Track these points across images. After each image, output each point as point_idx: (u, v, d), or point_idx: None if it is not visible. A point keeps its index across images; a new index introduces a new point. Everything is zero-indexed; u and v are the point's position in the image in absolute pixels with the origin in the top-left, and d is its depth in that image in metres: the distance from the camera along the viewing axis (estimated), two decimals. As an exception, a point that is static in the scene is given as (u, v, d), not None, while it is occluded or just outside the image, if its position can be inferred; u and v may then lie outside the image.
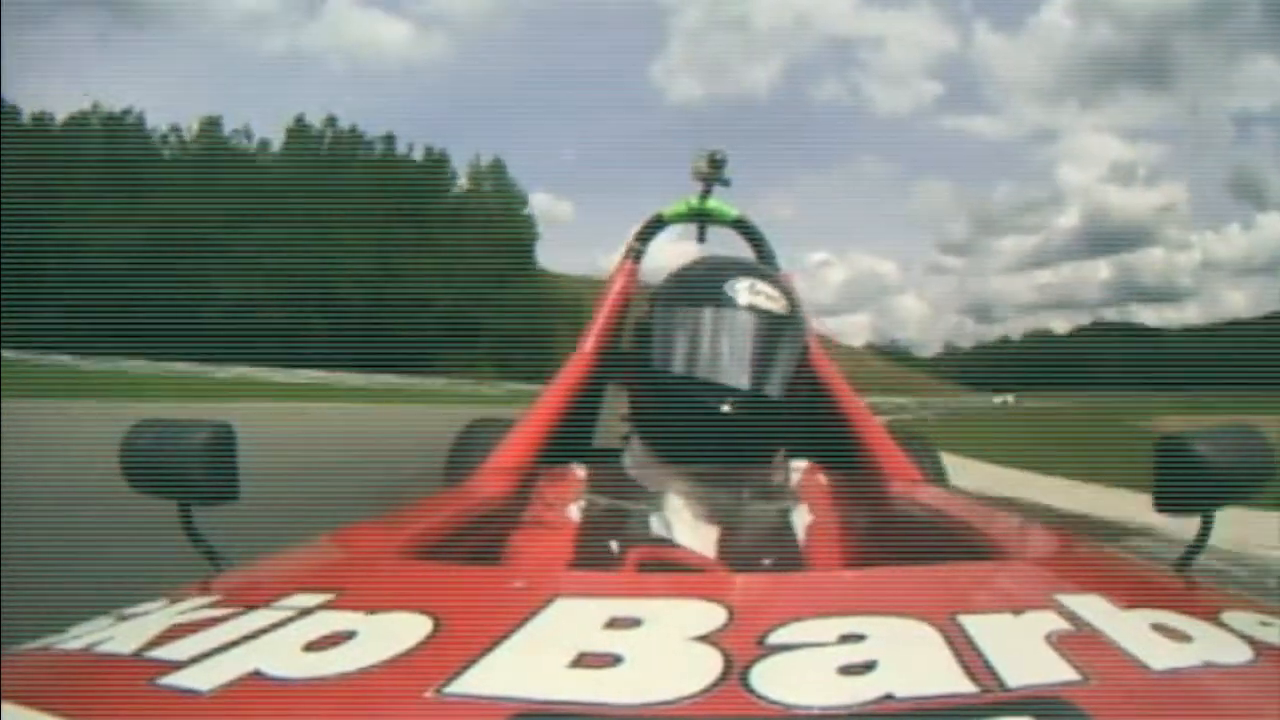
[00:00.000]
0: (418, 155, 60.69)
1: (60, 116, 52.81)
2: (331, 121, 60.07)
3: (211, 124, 56.81)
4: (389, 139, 60.86)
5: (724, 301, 0.95)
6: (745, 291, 0.95)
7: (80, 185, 45.13)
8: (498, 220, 59.52)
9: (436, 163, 61.20)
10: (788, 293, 0.99)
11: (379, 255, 51.00)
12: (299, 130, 59.27)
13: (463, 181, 62.10)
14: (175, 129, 56.58)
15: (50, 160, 44.09)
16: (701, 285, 0.98)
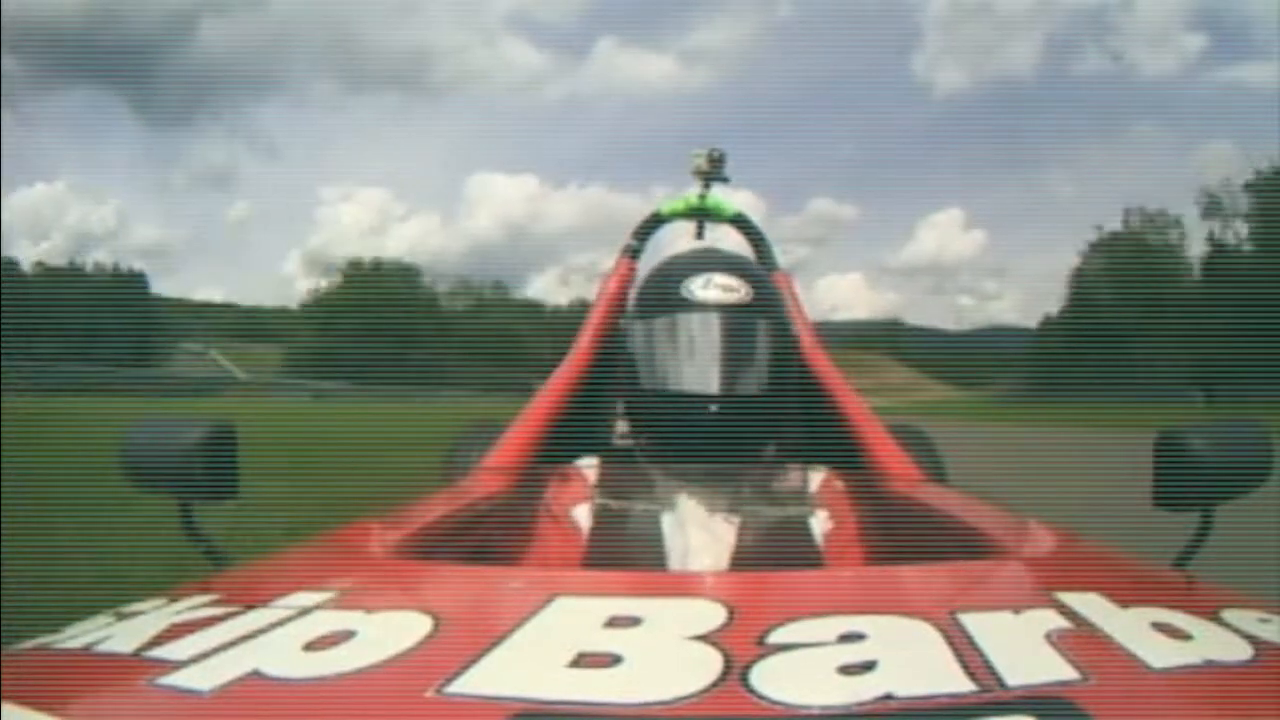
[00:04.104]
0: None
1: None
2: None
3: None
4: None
5: (681, 305, 0.94)
6: (700, 289, 0.94)
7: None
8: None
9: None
10: (751, 279, 0.97)
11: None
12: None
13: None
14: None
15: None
16: (659, 292, 0.98)
